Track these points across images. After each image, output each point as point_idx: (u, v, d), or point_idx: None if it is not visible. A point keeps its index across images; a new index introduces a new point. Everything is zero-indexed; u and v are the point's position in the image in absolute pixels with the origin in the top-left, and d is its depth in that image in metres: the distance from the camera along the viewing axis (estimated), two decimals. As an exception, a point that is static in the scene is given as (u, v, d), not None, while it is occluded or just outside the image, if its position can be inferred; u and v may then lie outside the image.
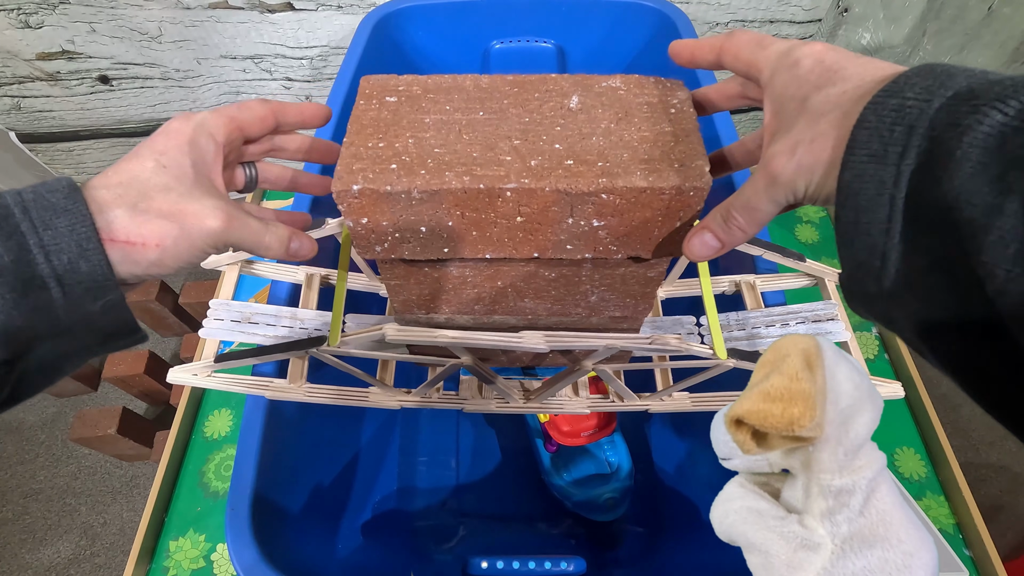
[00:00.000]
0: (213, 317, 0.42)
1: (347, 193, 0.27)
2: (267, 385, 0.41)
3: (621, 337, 0.34)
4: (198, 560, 0.55)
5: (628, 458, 0.59)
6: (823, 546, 0.25)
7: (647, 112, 0.29)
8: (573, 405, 0.44)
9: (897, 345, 0.65)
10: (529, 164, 0.27)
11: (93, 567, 1.07)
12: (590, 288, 0.35)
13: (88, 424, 0.99)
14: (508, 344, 0.33)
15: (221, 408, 0.64)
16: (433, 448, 0.65)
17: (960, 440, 1.17)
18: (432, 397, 0.43)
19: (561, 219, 0.28)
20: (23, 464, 1.18)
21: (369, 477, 0.60)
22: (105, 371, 1.06)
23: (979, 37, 0.90)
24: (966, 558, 0.54)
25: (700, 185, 0.26)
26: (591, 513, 0.56)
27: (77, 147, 1.11)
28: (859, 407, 0.25)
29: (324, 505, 0.51)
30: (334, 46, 0.88)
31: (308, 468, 0.49)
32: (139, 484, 1.15)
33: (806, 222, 0.78)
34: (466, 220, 0.28)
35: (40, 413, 1.23)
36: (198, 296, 1.11)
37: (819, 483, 0.25)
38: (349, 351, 0.38)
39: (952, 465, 0.57)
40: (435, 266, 0.33)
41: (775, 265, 0.45)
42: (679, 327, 0.44)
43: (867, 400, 0.25)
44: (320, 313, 0.44)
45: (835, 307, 0.43)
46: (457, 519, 0.61)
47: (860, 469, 0.25)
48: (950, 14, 0.87)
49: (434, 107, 0.30)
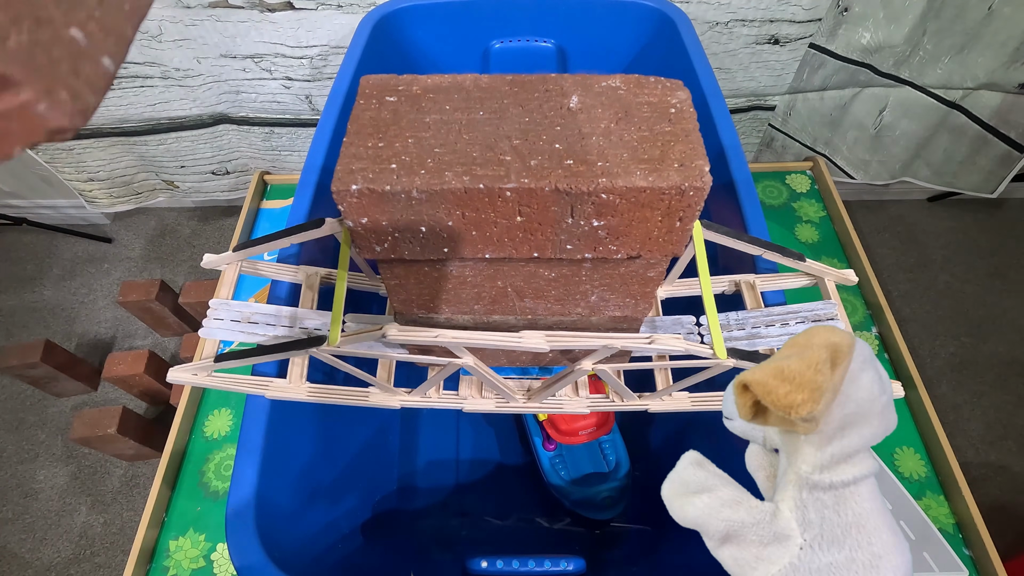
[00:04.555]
0: (213, 317, 0.42)
1: (347, 193, 0.27)
2: (267, 385, 0.41)
3: (621, 337, 0.34)
4: (198, 560, 0.55)
5: (626, 456, 0.59)
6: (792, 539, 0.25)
7: (647, 112, 0.29)
8: (573, 405, 0.44)
9: (897, 345, 0.65)
10: (529, 164, 0.27)
11: (93, 567, 1.07)
12: (590, 288, 0.35)
13: (88, 424, 0.99)
14: (508, 344, 0.33)
15: (221, 408, 0.64)
16: (433, 448, 0.65)
17: (960, 440, 1.17)
18: (432, 397, 0.43)
19: (561, 219, 0.28)
20: (23, 464, 1.18)
21: (369, 477, 0.60)
22: (105, 371, 1.06)
23: (979, 37, 0.90)
24: (966, 558, 0.54)
25: (700, 185, 0.26)
26: (589, 511, 0.57)
27: (77, 146, 1.11)
28: (865, 419, 0.25)
29: (324, 505, 0.51)
30: (334, 45, 0.88)
31: (308, 468, 0.49)
32: (139, 484, 1.15)
33: (806, 222, 0.78)
34: (466, 220, 0.28)
35: (40, 413, 1.23)
36: (198, 296, 1.11)
37: (797, 472, 0.26)
38: (349, 351, 0.38)
39: (952, 465, 0.57)
40: (435, 266, 0.33)
41: (775, 265, 0.45)
42: (679, 327, 0.44)
43: (877, 415, 0.25)
44: (320, 313, 0.44)
45: (835, 307, 0.43)
46: (457, 519, 0.61)
47: (842, 471, 0.25)
48: (950, 14, 0.87)
49: (434, 107, 0.30)
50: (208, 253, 0.45)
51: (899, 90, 1.00)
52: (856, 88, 1.00)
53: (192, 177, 1.21)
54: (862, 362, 0.25)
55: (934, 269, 1.40)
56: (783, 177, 0.83)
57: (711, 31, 0.88)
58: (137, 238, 1.50)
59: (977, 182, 1.15)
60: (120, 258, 1.47)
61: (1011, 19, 0.86)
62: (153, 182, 1.23)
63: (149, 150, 1.13)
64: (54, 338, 1.29)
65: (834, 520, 0.24)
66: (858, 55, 0.93)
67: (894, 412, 0.26)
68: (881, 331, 0.68)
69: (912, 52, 0.93)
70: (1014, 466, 1.14)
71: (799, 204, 0.80)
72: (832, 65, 0.95)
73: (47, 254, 1.48)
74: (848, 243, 0.74)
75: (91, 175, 1.17)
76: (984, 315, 1.32)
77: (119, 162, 1.16)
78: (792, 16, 0.86)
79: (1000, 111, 1.01)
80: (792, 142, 1.11)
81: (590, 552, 0.56)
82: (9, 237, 1.50)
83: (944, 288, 1.37)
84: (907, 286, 1.37)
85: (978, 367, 1.25)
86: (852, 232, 0.74)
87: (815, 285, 0.46)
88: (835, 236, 0.76)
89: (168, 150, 1.13)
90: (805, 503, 0.25)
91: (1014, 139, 1.05)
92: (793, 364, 0.24)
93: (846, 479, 0.25)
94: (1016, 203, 1.49)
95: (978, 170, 1.13)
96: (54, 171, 1.14)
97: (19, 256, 1.47)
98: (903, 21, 0.87)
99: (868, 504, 0.25)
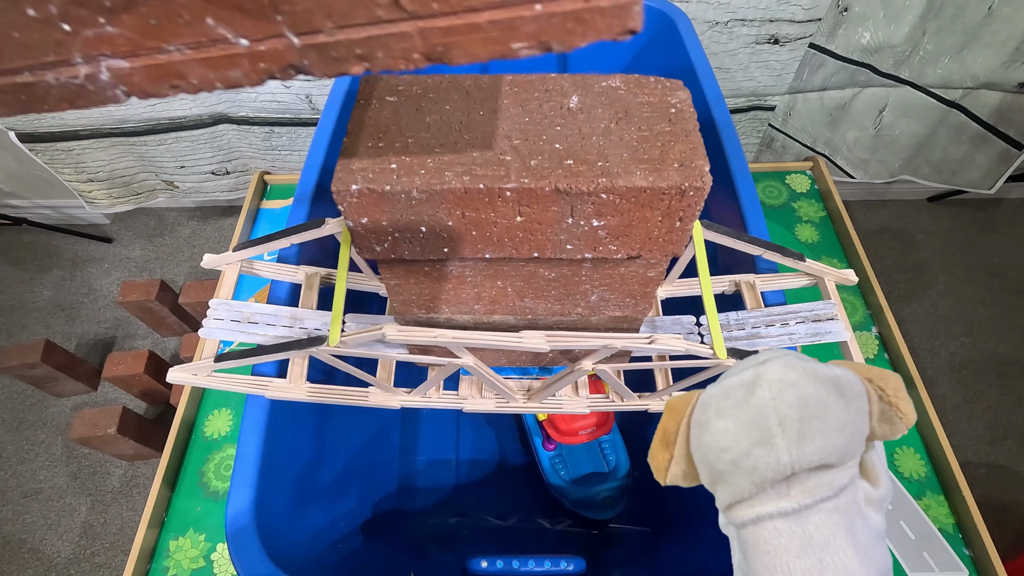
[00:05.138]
0: (213, 317, 0.42)
1: (347, 193, 0.27)
2: (267, 385, 0.41)
3: (621, 337, 0.34)
4: (198, 560, 0.55)
5: (626, 456, 0.59)
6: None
7: (647, 112, 0.29)
8: (573, 405, 0.44)
9: (897, 345, 0.65)
10: (529, 164, 0.27)
11: (93, 567, 1.07)
12: (590, 288, 0.35)
13: (88, 424, 0.99)
14: (508, 344, 0.33)
15: (221, 408, 0.64)
16: (433, 448, 0.65)
17: (960, 440, 1.17)
18: (432, 397, 0.43)
19: (561, 219, 0.28)
20: (23, 464, 1.18)
21: (369, 477, 0.60)
22: (105, 371, 1.06)
23: (979, 37, 0.90)
24: (966, 558, 0.54)
25: (700, 185, 0.26)
26: (589, 511, 0.57)
27: (77, 146, 1.11)
28: (719, 481, 0.25)
29: (324, 505, 0.51)
30: (334, 46, 0.88)
31: (308, 468, 0.49)
32: (139, 484, 1.15)
33: (806, 222, 0.78)
34: (466, 220, 0.28)
35: (40, 413, 1.23)
36: (198, 296, 1.11)
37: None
38: (349, 351, 0.38)
39: (952, 465, 0.57)
40: (435, 266, 0.33)
41: (775, 265, 0.45)
42: (679, 327, 0.44)
43: (727, 475, 0.24)
44: (320, 313, 0.44)
45: (834, 307, 0.43)
46: (457, 519, 0.61)
47: (734, 513, 0.25)
48: (950, 13, 0.87)
49: (434, 107, 0.30)
50: (208, 253, 0.45)
51: (899, 90, 1.00)
52: (856, 88, 1.00)
53: (192, 177, 1.21)
54: (697, 428, 0.25)
55: (934, 269, 1.40)
56: (783, 177, 0.83)
57: (711, 31, 0.88)
58: (137, 238, 1.50)
59: (976, 179, 1.16)
60: (120, 258, 1.47)
61: (1011, 19, 0.86)
62: (153, 182, 1.23)
63: (149, 150, 1.13)
64: (54, 338, 1.29)
65: (745, 566, 0.24)
66: (858, 55, 0.93)
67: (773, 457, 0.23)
68: (881, 331, 0.68)
69: (912, 52, 0.93)
70: (1014, 466, 1.14)
71: (799, 204, 0.80)
72: (832, 65, 0.95)
73: (47, 254, 1.48)
74: (848, 243, 0.74)
75: (91, 176, 1.17)
76: (984, 315, 1.32)
77: (119, 162, 1.16)
78: (792, 16, 0.86)
79: (999, 110, 1.01)
80: (792, 142, 1.11)
81: (590, 552, 0.56)
82: (9, 237, 1.50)
83: (944, 288, 1.37)
84: (907, 286, 1.37)
85: (978, 367, 1.25)
86: (852, 232, 0.74)
87: (815, 285, 0.46)
88: (835, 236, 0.76)
89: (168, 150, 1.13)
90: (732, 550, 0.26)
91: (1013, 137, 1.05)
92: (653, 443, 0.27)
93: (738, 521, 0.24)
94: (1015, 203, 1.50)
95: (977, 167, 1.13)
96: (54, 172, 1.14)
97: (19, 256, 1.47)
98: (903, 21, 0.87)
99: (776, 545, 0.23)
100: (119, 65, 0.17)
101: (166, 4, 0.15)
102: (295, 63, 0.17)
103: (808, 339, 0.41)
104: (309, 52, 0.17)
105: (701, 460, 0.25)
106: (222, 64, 0.17)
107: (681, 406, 0.27)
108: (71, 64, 0.17)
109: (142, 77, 0.17)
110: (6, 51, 0.16)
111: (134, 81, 0.17)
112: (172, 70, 0.17)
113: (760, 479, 0.23)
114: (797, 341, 0.41)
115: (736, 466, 0.23)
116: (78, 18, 0.15)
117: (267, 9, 0.15)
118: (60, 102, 0.18)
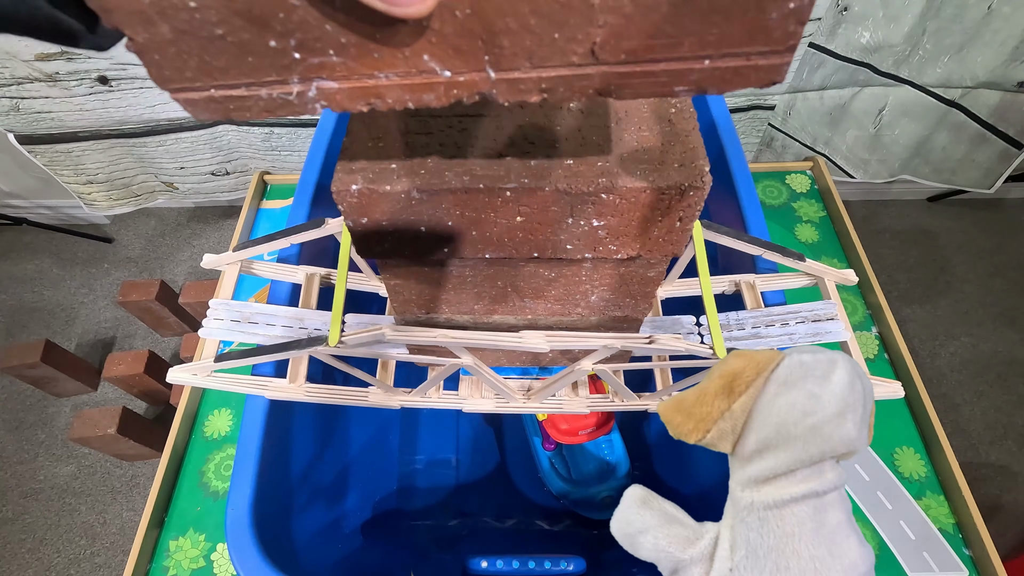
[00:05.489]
0: (213, 317, 0.42)
1: (347, 193, 0.27)
2: (267, 385, 0.41)
3: (621, 337, 0.34)
4: (198, 560, 0.55)
5: (626, 456, 0.59)
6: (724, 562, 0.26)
7: (647, 112, 0.29)
8: (572, 405, 0.44)
9: (897, 345, 0.65)
10: (529, 163, 0.27)
11: (93, 567, 1.07)
12: (590, 288, 0.35)
13: (88, 424, 0.99)
14: (508, 344, 0.33)
15: (221, 408, 0.64)
16: (433, 448, 0.65)
17: (960, 440, 1.17)
18: (432, 397, 0.43)
19: (561, 219, 0.28)
20: (23, 464, 1.18)
21: (369, 477, 0.60)
22: (105, 371, 1.06)
23: (979, 36, 0.90)
24: (966, 558, 0.54)
25: (700, 185, 0.26)
26: (589, 511, 0.57)
27: (76, 148, 1.11)
28: (785, 442, 0.25)
29: (324, 505, 0.51)
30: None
31: (308, 468, 0.49)
32: (139, 484, 1.15)
33: (806, 222, 0.78)
34: (466, 220, 0.28)
35: (40, 413, 1.23)
36: (198, 296, 1.11)
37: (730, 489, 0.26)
38: (348, 351, 0.38)
39: (952, 465, 0.57)
40: (435, 266, 0.33)
41: (775, 265, 0.45)
42: (679, 327, 0.44)
43: (799, 438, 0.24)
44: (320, 313, 0.44)
45: (835, 307, 0.43)
46: (457, 519, 0.61)
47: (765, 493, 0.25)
48: (950, 13, 0.87)
49: (434, 107, 0.30)
50: (208, 253, 0.45)
51: (898, 89, 1.00)
52: (856, 87, 1.00)
53: (192, 178, 1.21)
54: (781, 385, 0.25)
55: (934, 269, 1.40)
56: (783, 177, 0.83)
57: (711, 31, 0.88)
58: (137, 238, 1.50)
59: (975, 178, 1.16)
60: (120, 258, 1.47)
61: (1010, 18, 0.86)
62: (152, 184, 1.23)
63: (148, 151, 1.13)
64: (54, 338, 1.29)
65: (758, 543, 0.24)
66: (858, 54, 0.93)
67: (846, 431, 0.24)
68: (881, 331, 0.68)
69: (912, 51, 0.93)
70: (1014, 466, 1.14)
71: (799, 204, 0.80)
72: (832, 64, 0.95)
73: (47, 254, 1.48)
74: (848, 243, 0.74)
75: (90, 177, 1.17)
76: (984, 315, 1.32)
77: (118, 164, 1.16)
78: (792, 16, 0.86)
79: (999, 109, 1.01)
80: (792, 142, 1.11)
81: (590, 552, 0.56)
82: (9, 237, 1.50)
83: (944, 288, 1.37)
84: (907, 286, 1.37)
85: (978, 367, 1.25)
86: (852, 232, 0.74)
87: (815, 285, 0.46)
88: (835, 236, 0.76)
89: (167, 151, 1.13)
90: (735, 525, 0.26)
91: (1012, 136, 1.05)
92: (689, 395, 0.26)
93: (767, 501, 0.24)
94: (1015, 202, 1.50)
95: (976, 167, 1.13)
96: (53, 174, 1.14)
97: (19, 256, 1.47)
98: (903, 20, 0.87)
99: (794, 528, 0.24)
100: (329, 86, 0.19)
101: (390, 40, 0.17)
102: (484, 91, 0.19)
103: (808, 339, 0.41)
104: (500, 84, 0.19)
105: (768, 420, 0.25)
106: (420, 89, 0.19)
107: (763, 359, 0.26)
108: (287, 83, 0.19)
109: (345, 96, 0.19)
110: (234, 70, 0.18)
111: (337, 99, 0.19)
112: (374, 91, 0.19)
113: (831, 450, 0.24)
114: (797, 341, 0.41)
115: (814, 432, 0.24)
116: (312, 50, 0.17)
117: (480, 52, 0.18)
118: (262, 112, 0.19)
